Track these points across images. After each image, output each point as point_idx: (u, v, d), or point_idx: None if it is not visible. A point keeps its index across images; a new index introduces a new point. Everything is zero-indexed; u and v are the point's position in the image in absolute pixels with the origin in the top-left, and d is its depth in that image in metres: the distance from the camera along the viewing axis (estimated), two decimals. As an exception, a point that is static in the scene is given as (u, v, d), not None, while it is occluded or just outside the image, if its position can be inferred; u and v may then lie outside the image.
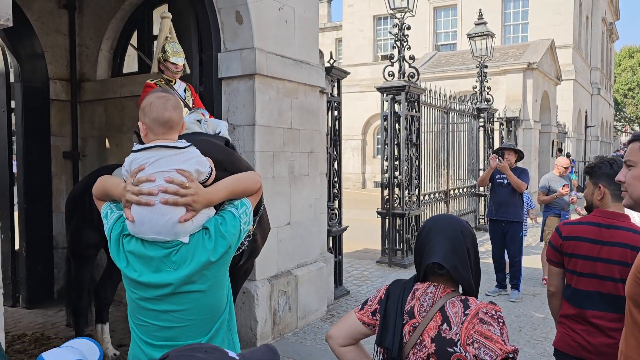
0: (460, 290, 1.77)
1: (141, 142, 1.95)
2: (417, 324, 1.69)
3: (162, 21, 4.10)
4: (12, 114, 6.13)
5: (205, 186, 1.86)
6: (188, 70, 4.22)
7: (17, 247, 6.04)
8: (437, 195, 10.12)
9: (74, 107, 6.58)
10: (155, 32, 6.36)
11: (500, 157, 6.34)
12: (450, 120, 10.67)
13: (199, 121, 3.48)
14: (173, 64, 3.88)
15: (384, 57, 20.50)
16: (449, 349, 1.61)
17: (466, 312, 1.64)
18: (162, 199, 1.75)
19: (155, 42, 5.88)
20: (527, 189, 6.42)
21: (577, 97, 23.80)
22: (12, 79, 6.13)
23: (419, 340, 1.67)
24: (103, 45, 6.49)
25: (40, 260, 6.06)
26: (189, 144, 1.89)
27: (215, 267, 1.78)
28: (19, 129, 6.08)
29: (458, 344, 1.60)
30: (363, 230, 10.41)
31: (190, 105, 3.94)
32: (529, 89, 15.03)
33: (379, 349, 1.75)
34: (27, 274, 5.95)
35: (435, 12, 24.76)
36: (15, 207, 6.11)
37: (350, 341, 1.84)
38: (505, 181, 6.37)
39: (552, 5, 22.10)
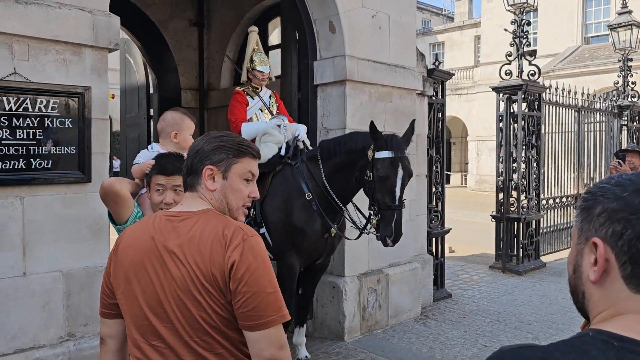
0: None
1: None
2: None
3: (249, 35, 4.53)
4: (151, 121, 7.08)
5: None
6: (274, 78, 4.59)
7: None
8: (564, 199, 9.46)
9: (202, 113, 7.38)
10: (271, 43, 6.91)
11: (621, 160, 5.83)
12: (582, 120, 9.89)
13: (279, 126, 3.83)
14: (260, 72, 4.27)
15: (528, 54, 19.35)
16: None
17: None
18: None
19: (269, 52, 6.43)
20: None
21: None
22: (151, 90, 7.09)
23: None
24: (226, 57, 7.19)
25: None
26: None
27: None
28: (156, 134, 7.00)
29: None
30: (486, 233, 10.08)
31: (274, 112, 4.29)
32: (689, 83, 13.24)
33: None
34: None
35: (585, 2, 22.81)
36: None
37: None
38: (627, 186, 5.82)
39: None
